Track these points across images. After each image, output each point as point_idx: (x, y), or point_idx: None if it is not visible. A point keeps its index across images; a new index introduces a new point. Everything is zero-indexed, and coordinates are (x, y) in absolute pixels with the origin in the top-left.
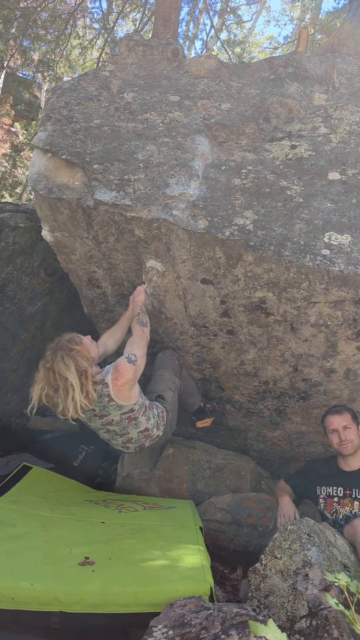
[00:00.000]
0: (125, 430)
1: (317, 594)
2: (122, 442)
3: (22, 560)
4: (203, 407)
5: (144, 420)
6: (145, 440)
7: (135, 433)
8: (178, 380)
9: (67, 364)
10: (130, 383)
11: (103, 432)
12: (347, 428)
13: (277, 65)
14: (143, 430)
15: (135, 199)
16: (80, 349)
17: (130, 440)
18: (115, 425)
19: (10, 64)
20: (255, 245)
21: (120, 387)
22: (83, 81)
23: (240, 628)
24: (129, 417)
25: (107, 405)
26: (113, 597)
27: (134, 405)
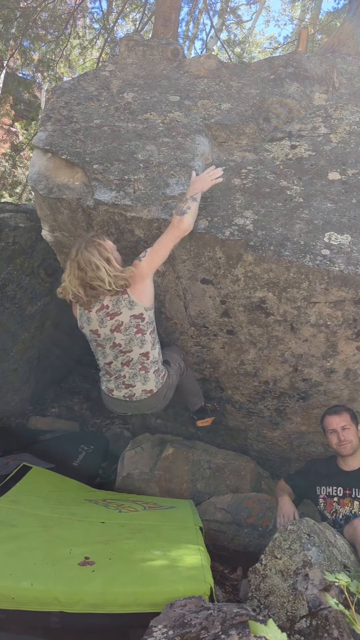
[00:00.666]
0: (129, 345)
1: (317, 594)
2: (120, 366)
3: (22, 560)
4: (204, 407)
5: (149, 341)
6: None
7: (137, 353)
8: (183, 363)
9: (91, 251)
10: (142, 275)
11: (109, 347)
12: (346, 428)
13: (277, 65)
14: (145, 353)
15: (135, 199)
16: (103, 243)
17: (129, 363)
18: (123, 334)
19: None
20: (255, 245)
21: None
22: (83, 81)
23: (240, 628)
24: (137, 324)
25: (121, 299)
26: (113, 597)
27: (145, 310)
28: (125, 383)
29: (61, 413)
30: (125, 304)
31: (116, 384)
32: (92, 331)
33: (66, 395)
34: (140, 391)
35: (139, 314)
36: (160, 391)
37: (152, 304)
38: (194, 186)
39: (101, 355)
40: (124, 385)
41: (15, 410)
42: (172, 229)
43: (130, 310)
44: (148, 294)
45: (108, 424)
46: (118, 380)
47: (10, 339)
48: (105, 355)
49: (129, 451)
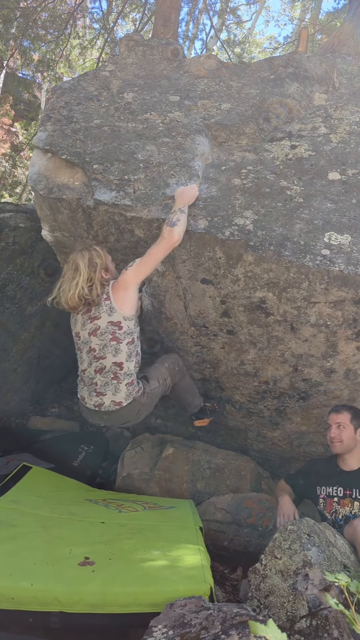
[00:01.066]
0: (103, 351)
1: (317, 594)
2: (93, 373)
3: (22, 561)
4: (203, 407)
5: (125, 352)
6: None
7: (110, 361)
8: (170, 380)
9: (83, 255)
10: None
11: (85, 352)
12: (341, 427)
13: (277, 65)
14: (118, 363)
15: (135, 199)
16: (99, 250)
17: (101, 370)
18: (98, 338)
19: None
20: (255, 245)
21: (116, 286)
22: (83, 81)
23: (240, 628)
24: (113, 332)
25: (102, 304)
26: (113, 597)
27: (124, 319)
28: (97, 391)
29: (61, 413)
30: (106, 309)
31: (88, 392)
32: (76, 333)
33: (66, 395)
34: (110, 401)
35: (117, 321)
36: (130, 406)
37: (133, 315)
38: (181, 198)
39: (79, 360)
40: (95, 393)
41: (15, 410)
42: (163, 241)
43: (109, 317)
44: (129, 304)
45: None
46: (90, 387)
47: (10, 339)
48: (82, 361)
49: (129, 451)
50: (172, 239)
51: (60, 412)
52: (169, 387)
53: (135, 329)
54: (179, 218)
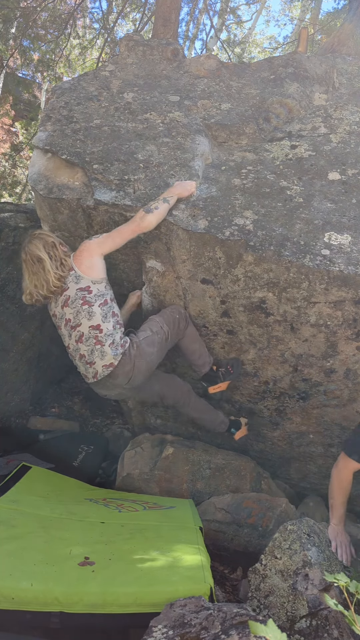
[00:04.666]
0: (77, 318)
1: (317, 594)
2: (75, 344)
3: (22, 561)
4: (215, 371)
5: (99, 314)
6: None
7: (86, 326)
8: (167, 327)
9: (36, 245)
10: (87, 251)
11: (63, 326)
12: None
13: (277, 65)
14: (95, 326)
15: (135, 199)
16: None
17: (81, 338)
18: (70, 308)
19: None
20: (255, 245)
21: (79, 257)
22: (83, 81)
23: (240, 628)
24: (83, 297)
25: (68, 276)
26: (113, 597)
27: (92, 283)
28: (87, 362)
29: (61, 413)
30: (72, 279)
31: (83, 366)
32: (53, 314)
33: (66, 395)
34: (101, 367)
35: (86, 286)
36: (123, 362)
37: (103, 278)
38: (174, 188)
39: (62, 338)
40: (88, 365)
41: (15, 410)
42: (132, 223)
43: (77, 284)
44: (97, 269)
45: (108, 424)
46: (81, 360)
47: (10, 339)
48: (64, 337)
49: (129, 451)
50: (141, 224)
51: (60, 412)
52: (169, 335)
53: (107, 291)
54: (158, 207)
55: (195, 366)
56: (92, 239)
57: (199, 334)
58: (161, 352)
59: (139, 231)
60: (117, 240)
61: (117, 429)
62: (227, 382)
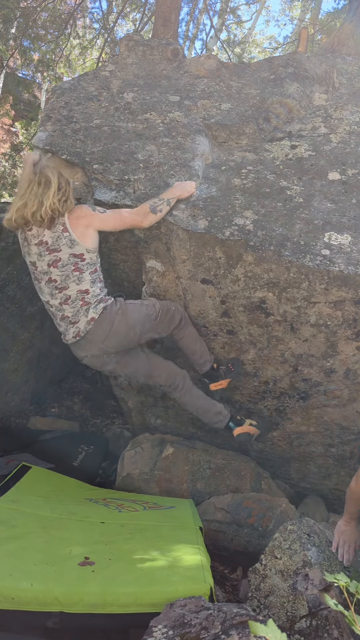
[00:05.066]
0: (66, 282)
1: (317, 594)
2: (58, 305)
3: (22, 561)
4: (216, 369)
5: (88, 280)
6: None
7: (74, 290)
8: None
9: (52, 171)
10: (87, 219)
11: (44, 282)
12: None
13: (277, 65)
14: (83, 290)
15: (135, 199)
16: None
17: (67, 300)
18: (60, 270)
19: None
20: (255, 245)
21: (75, 220)
22: (83, 81)
23: (240, 628)
24: (76, 263)
25: (61, 236)
26: (113, 597)
27: (86, 252)
28: (71, 321)
29: (61, 413)
30: (66, 242)
31: (65, 326)
32: (31, 263)
33: (66, 395)
34: (84, 323)
35: (79, 253)
36: (104, 316)
37: (96, 248)
38: (174, 189)
39: (39, 290)
40: (71, 324)
41: (15, 410)
42: (137, 216)
43: (70, 249)
44: (91, 239)
45: (108, 424)
46: (64, 321)
47: (10, 339)
48: (41, 291)
49: (129, 451)
50: (144, 221)
51: (60, 412)
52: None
53: (97, 260)
54: (162, 209)
55: (197, 365)
56: (95, 210)
57: (199, 333)
58: (145, 326)
59: (139, 226)
60: (117, 226)
61: (117, 429)
62: (228, 380)
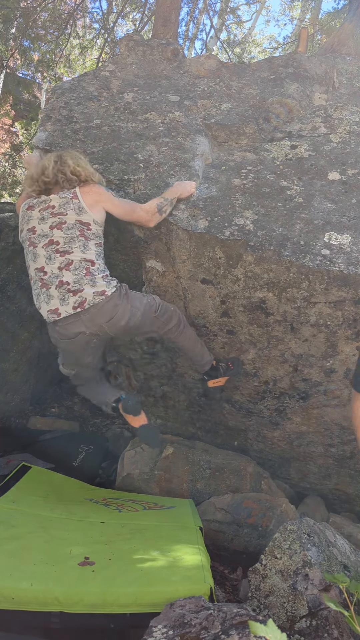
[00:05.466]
0: (69, 245)
1: (317, 594)
2: (57, 270)
3: (22, 561)
4: (216, 366)
5: (94, 250)
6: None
7: (78, 256)
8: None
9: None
10: (98, 195)
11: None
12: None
13: (277, 65)
14: (88, 259)
15: (135, 199)
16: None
17: (68, 266)
18: (64, 232)
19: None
20: (255, 245)
21: (87, 192)
22: (83, 81)
23: (240, 628)
24: (81, 230)
25: (70, 202)
26: (113, 597)
27: (93, 222)
28: (71, 290)
29: (61, 413)
30: (74, 207)
31: (60, 295)
32: (29, 229)
33: (66, 395)
34: (92, 293)
35: (87, 222)
36: (114, 298)
37: (103, 223)
38: (175, 189)
39: (31, 258)
40: (71, 293)
41: (15, 410)
42: (145, 214)
43: (78, 215)
44: (100, 213)
45: (108, 424)
46: (61, 289)
47: (10, 339)
48: (35, 257)
49: (129, 451)
50: (150, 221)
51: (60, 412)
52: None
53: (102, 235)
54: (167, 210)
55: (198, 366)
56: (108, 190)
57: (198, 333)
58: (145, 316)
59: (143, 224)
60: (125, 216)
61: (117, 429)
62: (226, 378)
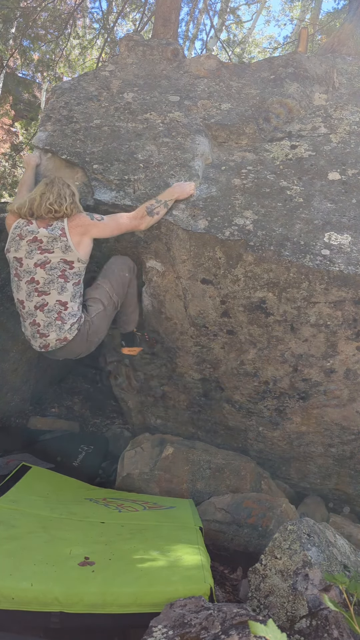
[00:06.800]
0: (48, 287)
1: (317, 594)
2: (32, 309)
3: (22, 561)
4: (134, 333)
5: (70, 292)
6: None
7: (54, 298)
8: (116, 297)
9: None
10: (84, 227)
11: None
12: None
13: (277, 65)
14: (62, 302)
15: (135, 199)
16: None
17: (43, 307)
18: (46, 272)
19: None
20: (255, 245)
21: (74, 227)
22: (83, 81)
23: (240, 628)
24: (63, 270)
25: (57, 239)
26: (113, 597)
27: (77, 261)
28: (40, 332)
29: (61, 413)
30: (61, 246)
31: (32, 333)
32: (16, 258)
33: (66, 395)
34: (55, 341)
35: (70, 261)
36: (77, 339)
37: (87, 260)
38: (172, 190)
39: (15, 287)
40: (39, 335)
41: (15, 410)
42: (133, 221)
43: (63, 254)
44: (85, 249)
45: (108, 424)
46: (33, 328)
47: (10, 339)
48: (18, 289)
49: (129, 451)
50: (140, 225)
51: (60, 412)
52: (118, 303)
53: (83, 272)
54: (159, 212)
55: (121, 322)
56: (92, 218)
57: (198, 334)
58: (111, 319)
59: (136, 230)
60: (115, 232)
61: (117, 429)
62: (139, 349)
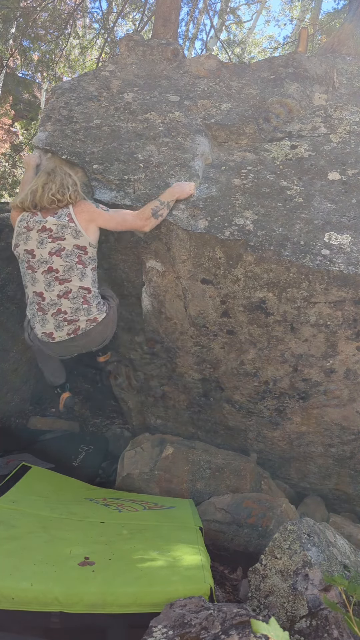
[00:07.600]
0: (69, 274)
1: (317, 594)
2: (55, 298)
3: (22, 561)
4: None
5: (90, 277)
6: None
7: (77, 285)
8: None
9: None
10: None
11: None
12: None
13: (277, 65)
14: (85, 287)
15: (135, 199)
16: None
17: (67, 294)
18: (63, 260)
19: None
20: (255, 245)
21: (80, 212)
22: (83, 81)
23: (240, 628)
24: (79, 255)
25: (67, 226)
26: (113, 597)
27: (89, 246)
28: (67, 319)
29: (61, 413)
30: (71, 232)
31: (56, 323)
32: (27, 251)
33: None
34: (85, 322)
35: (83, 246)
36: (105, 321)
37: (97, 244)
38: (173, 190)
39: (30, 280)
40: (66, 322)
41: (15, 410)
42: (138, 220)
43: (75, 240)
44: (94, 234)
45: (108, 424)
46: (58, 317)
47: (10, 339)
48: (34, 281)
49: (129, 451)
50: (145, 226)
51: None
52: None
53: (96, 257)
54: (162, 214)
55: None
56: (97, 206)
57: (198, 334)
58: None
59: (139, 230)
60: (119, 227)
61: (117, 429)
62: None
